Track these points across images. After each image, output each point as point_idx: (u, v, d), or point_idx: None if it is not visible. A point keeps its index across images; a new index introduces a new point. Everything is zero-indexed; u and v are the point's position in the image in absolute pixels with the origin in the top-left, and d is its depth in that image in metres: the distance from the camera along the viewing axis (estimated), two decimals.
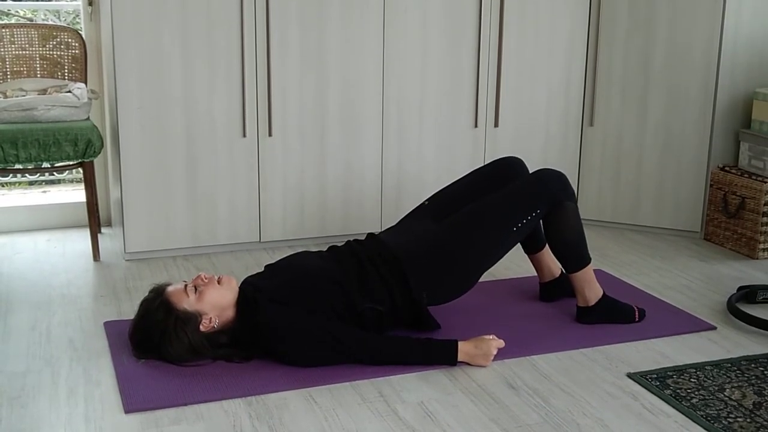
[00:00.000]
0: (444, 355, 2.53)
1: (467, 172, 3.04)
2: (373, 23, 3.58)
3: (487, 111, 3.85)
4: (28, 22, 4.10)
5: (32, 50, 3.75)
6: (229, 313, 2.52)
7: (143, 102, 3.34)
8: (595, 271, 2.92)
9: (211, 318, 2.48)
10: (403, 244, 2.71)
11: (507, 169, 2.92)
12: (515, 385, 2.44)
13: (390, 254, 2.66)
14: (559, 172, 2.81)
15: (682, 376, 2.49)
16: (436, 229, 2.75)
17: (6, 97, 3.48)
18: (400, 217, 3.17)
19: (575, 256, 2.81)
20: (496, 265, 3.32)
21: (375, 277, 2.61)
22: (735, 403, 2.33)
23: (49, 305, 3.01)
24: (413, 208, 3.02)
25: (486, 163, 3.03)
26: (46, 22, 4.03)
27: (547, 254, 3.02)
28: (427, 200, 2.95)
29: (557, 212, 2.75)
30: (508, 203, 2.73)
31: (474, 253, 2.68)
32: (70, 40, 3.78)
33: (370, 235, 2.80)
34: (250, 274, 2.76)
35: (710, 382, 2.46)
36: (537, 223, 2.79)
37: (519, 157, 3.02)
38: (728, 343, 2.75)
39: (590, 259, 2.84)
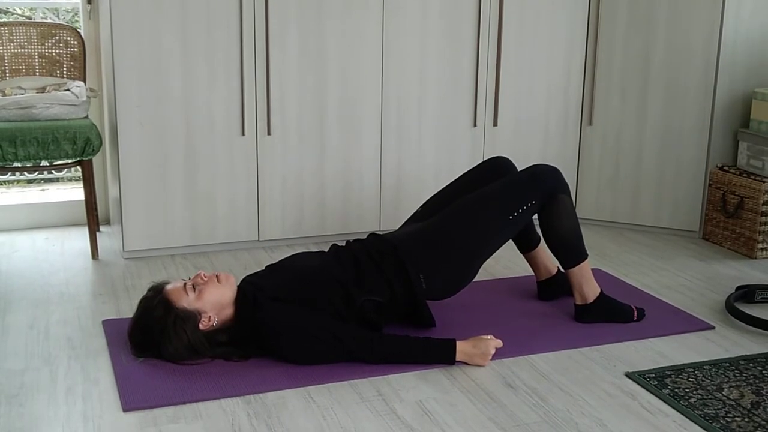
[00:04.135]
0: (442, 354, 2.53)
1: (462, 174, 3.04)
2: (373, 22, 3.58)
3: (486, 110, 3.85)
4: (27, 20, 4.10)
5: (31, 48, 3.75)
6: (228, 312, 2.52)
7: (142, 100, 3.34)
8: (593, 270, 2.92)
9: (210, 317, 2.48)
10: (399, 236, 2.74)
11: (496, 168, 2.93)
12: (513, 385, 2.44)
13: (388, 246, 2.67)
14: (554, 167, 2.83)
15: (680, 376, 2.49)
16: (431, 220, 2.76)
17: (5, 95, 3.48)
18: (399, 216, 3.19)
19: (572, 250, 2.81)
20: (494, 264, 3.33)
21: (373, 270, 2.62)
22: (733, 403, 2.34)
23: (47, 303, 3.01)
24: (411, 209, 3.03)
25: (475, 165, 3.03)
26: (44, 20, 4.02)
27: (542, 252, 3.02)
28: (420, 208, 2.97)
29: (552, 205, 2.76)
30: (504, 193, 2.74)
31: (469, 238, 2.68)
32: (68, 38, 3.77)
33: (371, 235, 2.81)
34: (249, 273, 2.76)
35: (708, 381, 2.46)
36: (532, 216, 2.79)
37: (515, 156, 3.03)
38: (726, 343, 2.75)
39: (587, 254, 2.84)
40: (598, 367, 2.56)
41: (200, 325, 2.47)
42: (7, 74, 3.71)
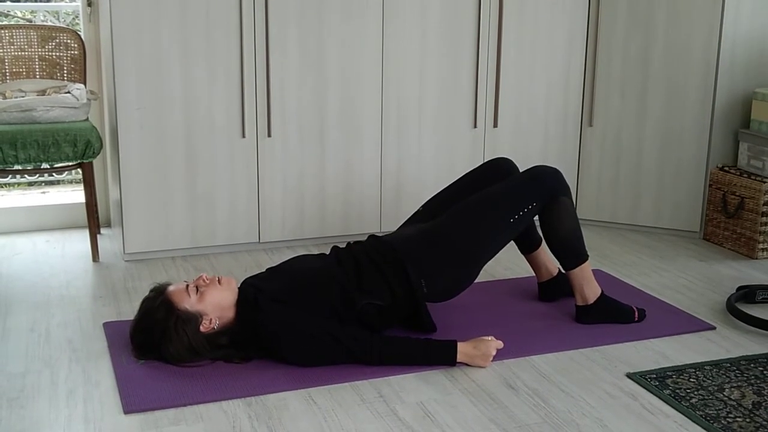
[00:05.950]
0: (443, 356, 2.53)
1: (464, 174, 3.04)
2: (373, 23, 3.58)
3: (486, 111, 3.85)
4: (28, 23, 4.10)
5: (31, 51, 3.75)
6: (229, 314, 2.52)
7: (142, 103, 3.34)
8: (594, 271, 2.92)
9: (211, 319, 2.48)
10: (400, 238, 2.73)
11: (498, 169, 2.93)
12: (514, 386, 2.44)
13: (388, 248, 2.67)
14: (554, 168, 2.83)
15: (681, 376, 2.49)
16: (432, 222, 2.76)
17: (5, 98, 3.48)
18: (399, 217, 3.17)
19: (572, 251, 2.81)
20: (495, 265, 3.33)
21: (374, 273, 2.61)
22: (734, 403, 2.33)
23: (48, 306, 3.01)
24: (411, 210, 3.02)
25: (477, 166, 3.04)
26: (45, 23, 4.03)
27: (543, 253, 3.02)
28: (421, 207, 2.97)
29: (553, 207, 2.76)
30: (505, 195, 2.74)
31: (470, 240, 2.68)
32: (69, 41, 3.78)
33: (371, 237, 2.81)
34: (250, 275, 2.76)
35: (709, 381, 2.46)
36: (533, 218, 2.79)
37: (515, 157, 3.03)
38: (727, 343, 2.75)
39: (588, 255, 2.84)
40: (599, 368, 2.56)
41: (201, 327, 2.47)
42: (8, 77, 3.71)
